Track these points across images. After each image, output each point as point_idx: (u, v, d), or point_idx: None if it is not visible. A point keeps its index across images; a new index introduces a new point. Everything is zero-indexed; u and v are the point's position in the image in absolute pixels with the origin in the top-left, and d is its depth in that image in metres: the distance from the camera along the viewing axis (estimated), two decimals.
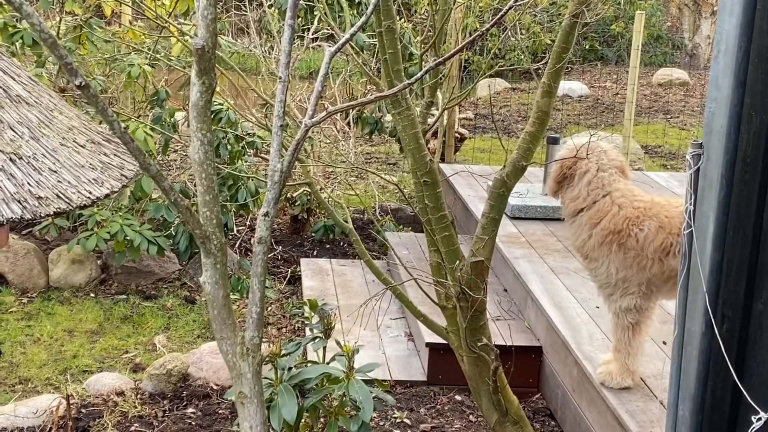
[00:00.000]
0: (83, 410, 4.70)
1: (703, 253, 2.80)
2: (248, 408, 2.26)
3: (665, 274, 4.03)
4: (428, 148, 5.19)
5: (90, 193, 2.25)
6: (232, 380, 2.32)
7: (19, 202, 2.15)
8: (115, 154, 2.42)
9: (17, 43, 6.44)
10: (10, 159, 2.21)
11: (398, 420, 4.77)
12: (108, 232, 6.24)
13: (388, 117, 7.63)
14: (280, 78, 2.31)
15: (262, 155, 6.96)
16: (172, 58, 6.79)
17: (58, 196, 2.19)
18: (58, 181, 2.22)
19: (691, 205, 2.81)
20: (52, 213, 2.15)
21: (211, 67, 2.17)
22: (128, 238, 6.24)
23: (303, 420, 3.99)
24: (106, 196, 2.27)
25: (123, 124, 2.11)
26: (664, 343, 4.63)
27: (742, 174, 2.72)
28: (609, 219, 4.13)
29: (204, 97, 2.22)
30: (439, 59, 2.81)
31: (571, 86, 13.84)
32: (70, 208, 2.17)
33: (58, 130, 2.35)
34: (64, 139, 2.33)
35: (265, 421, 2.28)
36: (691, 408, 2.89)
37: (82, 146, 2.35)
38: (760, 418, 2.39)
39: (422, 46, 5.28)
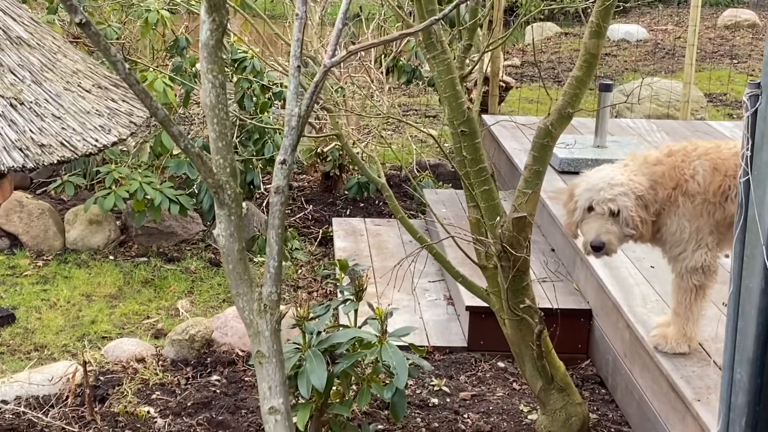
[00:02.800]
0: (101, 378, 4.77)
1: (763, 203, 2.77)
2: (266, 368, 2.29)
3: (727, 221, 4.01)
4: (469, 98, 5.17)
5: (96, 140, 2.27)
6: (250, 338, 2.35)
7: (20, 150, 2.18)
8: (123, 100, 2.44)
9: None
10: (11, 104, 2.23)
11: (436, 388, 4.79)
12: (127, 191, 6.30)
13: (428, 66, 7.59)
14: (297, 15, 2.31)
15: None
16: (193, 2, 6.80)
17: (62, 143, 2.21)
18: (62, 128, 2.24)
19: (748, 150, 2.77)
20: (56, 162, 2.18)
21: (222, 2, 2.17)
22: (148, 196, 6.29)
23: (334, 387, 4.04)
24: (114, 143, 2.29)
25: (131, 69, 2.13)
26: (724, 304, 4.59)
27: None
28: (662, 186, 4.09)
29: (215, 35, 2.22)
30: None
31: (628, 30, 13.66)
32: (75, 156, 2.19)
33: (62, 74, 2.37)
34: (69, 84, 2.35)
35: (284, 381, 2.30)
36: (749, 371, 2.88)
37: (87, 91, 2.37)
38: None
39: None
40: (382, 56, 8.14)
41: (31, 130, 2.20)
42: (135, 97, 2.31)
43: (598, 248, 4.08)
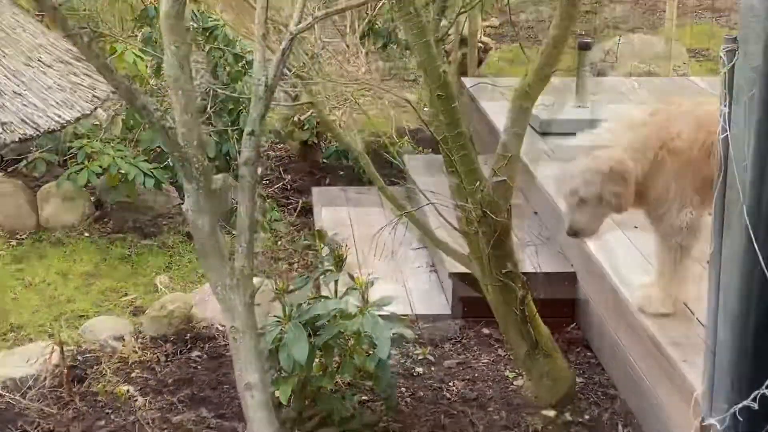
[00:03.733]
0: (79, 357, 4.77)
1: (742, 160, 2.77)
2: (241, 342, 2.29)
3: (711, 178, 4.02)
4: (447, 61, 5.14)
5: (59, 116, 2.25)
6: (224, 315, 2.35)
7: None
8: (85, 74, 2.42)
9: None
10: None
11: (421, 357, 4.81)
12: (100, 166, 6.26)
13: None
14: None
15: None
16: None
17: (23, 120, 2.19)
18: (23, 105, 2.22)
19: (725, 107, 2.77)
20: (17, 140, 2.16)
21: None
22: (122, 171, 6.27)
23: (316, 359, 4.04)
24: (77, 119, 2.27)
25: (100, 41, 2.11)
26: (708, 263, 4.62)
27: None
28: (649, 148, 4.08)
29: (175, 6, 2.19)
30: None
31: None
32: (38, 133, 2.18)
33: (22, 50, 2.35)
34: (29, 59, 2.32)
35: (260, 356, 2.30)
36: (732, 333, 2.89)
37: (48, 66, 2.35)
38: None
39: None
40: (357, 20, 8.09)
41: None
42: (97, 72, 2.28)
43: (575, 235, 4.23)
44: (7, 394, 4.40)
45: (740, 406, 2.74)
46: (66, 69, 2.39)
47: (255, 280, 2.60)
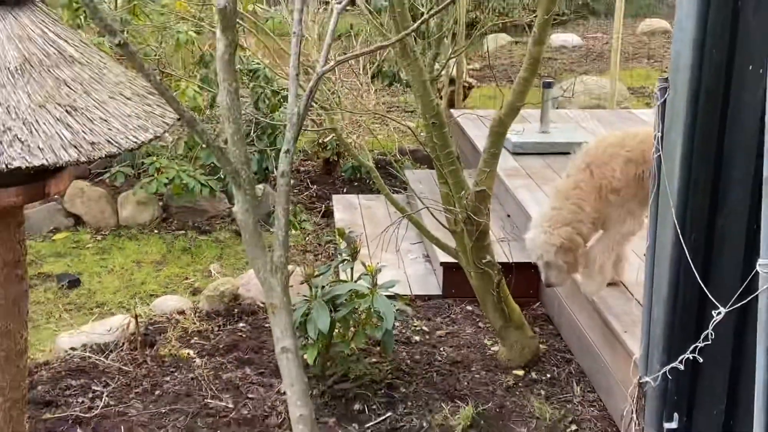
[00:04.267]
0: (150, 327, 4.77)
1: (672, 173, 2.77)
2: (278, 316, 2.28)
3: (647, 193, 3.98)
4: (439, 96, 5.11)
5: (136, 137, 2.25)
6: (264, 294, 2.34)
7: (75, 147, 2.16)
8: (157, 105, 2.41)
9: (81, 17, 6.42)
10: (67, 111, 2.21)
11: (417, 328, 4.81)
12: (167, 177, 6.27)
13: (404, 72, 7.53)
14: (294, 33, 2.29)
15: None
16: (216, 24, 6.73)
17: (108, 141, 2.19)
18: (109, 129, 2.22)
19: (659, 132, 2.77)
20: (104, 156, 2.16)
21: (232, 24, 2.15)
22: (184, 182, 6.27)
23: (335, 330, 4.04)
24: (150, 140, 2.27)
25: (167, 79, 2.11)
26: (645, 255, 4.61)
27: (705, 104, 2.68)
28: (589, 204, 3.99)
29: (228, 50, 2.20)
30: (434, 10, 2.76)
31: (566, 38, 13.59)
32: (120, 151, 2.17)
33: (108, 86, 2.35)
34: (113, 93, 2.32)
35: (293, 326, 2.30)
36: (664, 309, 2.89)
37: (128, 99, 2.35)
38: (719, 312, 2.38)
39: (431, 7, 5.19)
40: (369, 64, 8.09)
41: (83, 131, 2.18)
42: (167, 103, 2.28)
43: (549, 286, 4.26)
44: (94, 356, 4.41)
45: (669, 367, 2.74)
46: (142, 101, 2.39)
47: (288, 267, 2.60)
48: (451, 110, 8.05)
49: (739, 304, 2.35)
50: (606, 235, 4.18)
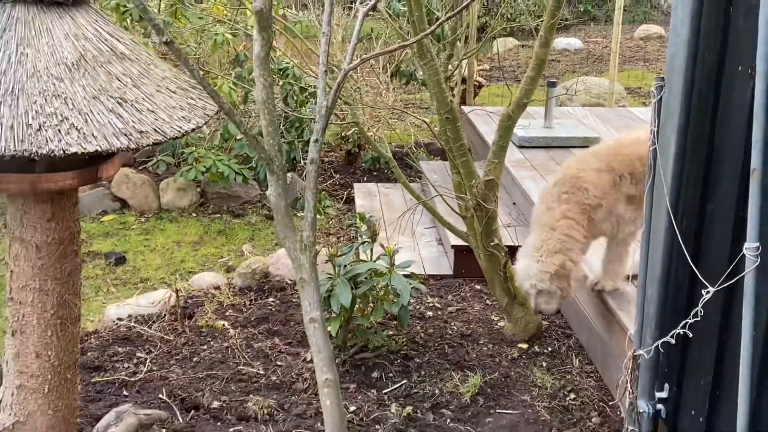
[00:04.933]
0: (189, 301, 4.81)
1: (666, 165, 2.77)
2: (307, 290, 2.30)
3: (632, 192, 3.87)
4: (452, 94, 5.13)
5: (180, 127, 2.26)
6: (294, 270, 2.36)
7: (125, 135, 2.17)
8: (199, 98, 2.43)
9: (128, 20, 6.44)
10: (118, 102, 2.23)
11: (430, 304, 4.82)
12: (204, 166, 6.30)
13: (421, 71, 7.52)
14: (324, 33, 2.30)
15: None
16: (249, 27, 6.74)
17: (155, 130, 2.21)
18: (155, 119, 2.23)
19: (655, 127, 2.76)
20: (151, 143, 2.18)
21: (268, 25, 2.16)
22: (220, 170, 6.29)
23: (356, 305, 4.06)
24: (193, 130, 2.28)
25: (205, 76, 2.13)
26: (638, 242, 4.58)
27: (698, 102, 2.66)
28: (578, 229, 3.80)
29: (264, 49, 2.20)
30: (449, 15, 2.76)
31: (569, 42, 13.51)
32: (165, 139, 2.19)
33: (154, 80, 2.36)
34: (159, 87, 2.34)
35: (320, 299, 2.31)
36: (657, 288, 2.89)
37: (173, 92, 2.36)
38: (708, 291, 2.38)
39: (447, 11, 5.17)
40: (388, 64, 8.08)
41: (132, 121, 2.20)
42: (207, 96, 2.30)
43: (539, 312, 4.06)
44: (139, 326, 4.45)
45: (661, 341, 2.74)
46: (185, 94, 2.41)
47: (316, 246, 2.61)
48: (463, 107, 8.03)
49: (726, 284, 2.34)
50: (608, 248, 4.06)
